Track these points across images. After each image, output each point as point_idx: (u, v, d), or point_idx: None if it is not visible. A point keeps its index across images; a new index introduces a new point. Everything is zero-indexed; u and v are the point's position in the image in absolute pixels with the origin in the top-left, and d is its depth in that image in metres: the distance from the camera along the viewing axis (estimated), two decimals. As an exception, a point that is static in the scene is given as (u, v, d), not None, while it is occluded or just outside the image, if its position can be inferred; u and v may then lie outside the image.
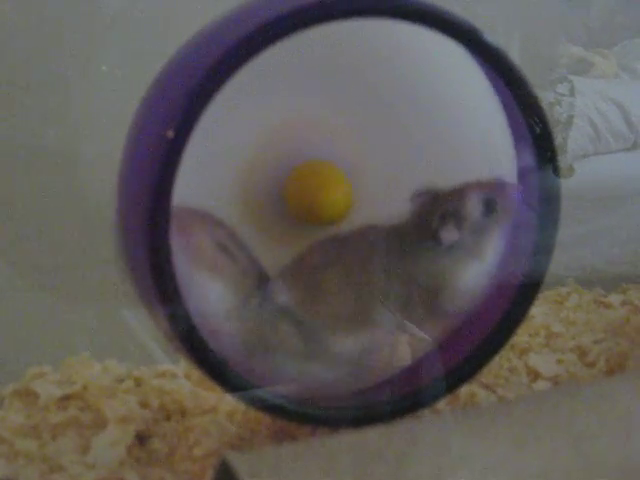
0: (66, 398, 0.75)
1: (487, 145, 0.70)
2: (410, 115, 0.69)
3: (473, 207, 0.65)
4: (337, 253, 0.66)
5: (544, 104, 1.98)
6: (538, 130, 0.66)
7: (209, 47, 0.62)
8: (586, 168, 1.90)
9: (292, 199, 0.67)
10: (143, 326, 0.89)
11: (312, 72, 0.66)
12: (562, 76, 1.96)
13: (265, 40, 0.59)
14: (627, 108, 2.02)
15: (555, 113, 1.90)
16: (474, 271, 0.67)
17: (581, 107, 1.95)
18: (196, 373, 0.77)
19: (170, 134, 0.58)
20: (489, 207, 0.66)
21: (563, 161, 1.89)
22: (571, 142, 1.92)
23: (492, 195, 0.66)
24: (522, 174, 0.69)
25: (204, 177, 0.65)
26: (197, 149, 0.60)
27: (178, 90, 0.61)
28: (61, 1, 1.04)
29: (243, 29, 0.59)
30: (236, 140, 0.66)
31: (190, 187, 0.61)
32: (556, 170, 0.67)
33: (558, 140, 1.90)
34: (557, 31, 2.32)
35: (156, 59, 0.68)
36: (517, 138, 0.68)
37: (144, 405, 0.74)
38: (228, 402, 0.73)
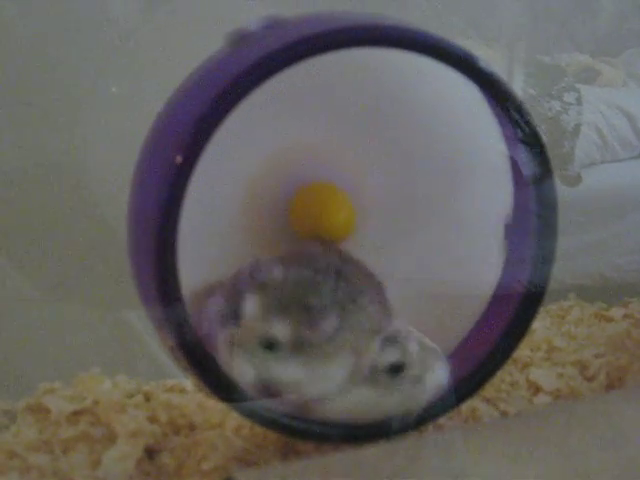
0: (77, 413, 0.77)
1: (484, 161, 0.71)
2: (410, 138, 0.70)
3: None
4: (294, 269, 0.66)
5: (551, 113, 1.99)
6: (530, 143, 0.68)
7: (218, 74, 0.64)
8: (593, 176, 1.91)
9: (297, 220, 0.69)
10: (153, 340, 0.91)
11: (316, 98, 0.68)
12: (569, 85, 1.97)
13: (273, 68, 0.61)
14: (634, 116, 2.03)
15: (562, 122, 1.91)
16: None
17: (588, 116, 1.96)
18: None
19: (179, 159, 0.60)
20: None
21: (570, 169, 1.90)
22: (578, 151, 1.92)
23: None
24: (519, 184, 0.71)
25: (211, 199, 0.67)
26: (204, 172, 0.62)
27: (187, 116, 0.63)
28: (71, 19, 1.06)
29: (251, 57, 0.62)
30: (242, 164, 0.68)
31: (197, 210, 0.63)
32: (551, 182, 0.69)
33: (565, 149, 1.91)
34: (564, 40, 2.33)
35: (164, 80, 0.70)
36: (513, 150, 0.70)
37: (153, 420, 0.76)
38: (235, 417, 0.74)
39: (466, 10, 2.02)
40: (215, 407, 0.77)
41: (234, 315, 0.64)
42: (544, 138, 0.68)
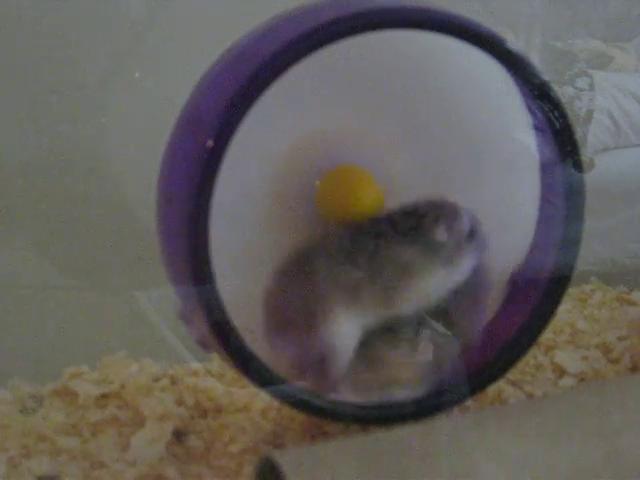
0: (104, 397, 0.77)
1: (510, 144, 0.72)
2: (436, 121, 0.71)
3: (463, 224, 0.67)
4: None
5: (564, 99, 1.99)
6: (558, 125, 0.68)
7: (245, 59, 0.64)
8: (606, 162, 1.91)
9: (324, 202, 0.69)
10: (174, 326, 0.92)
11: (343, 82, 0.68)
12: (581, 70, 1.96)
13: (300, 52, 0.61)
14: (647, 102, 2.02)
15: (575, 107, 1.91)
16: (440, 279, 0.68)
17: (601, 101, 1.96)
18: (229, 371, 0.79)
19: (210, 143, 0.61)
20: (470, 234, 0.67)
21: (583, 155, 1.90)
22: (591, 136, 1.92)
23: (475, 225, 0.68)
24: (545, 169, 0.71)
25: (241, 183, 0.67)
26: (234, 156, 0.62)
27: (217, 100, 0.63)
28: (92, 6, 1.06)
29: (278, 41, 0.62)
30: (271, 147, 0.68)
31: (227, 192, 0.63)
32: (578, 164, 0.69)
33: (578, 134, 1.91)
34: (576, 25, 2.32)
35: (182, 66, 0.70)
36: (539, 133, 0.70)
37: (180, 403, 0.76)
38: (262, 399, 0.75)
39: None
40: (241, 390, 0.77)
41: None
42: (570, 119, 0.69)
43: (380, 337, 0.68)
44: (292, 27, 0.63)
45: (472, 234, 0.68)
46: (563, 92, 1.92)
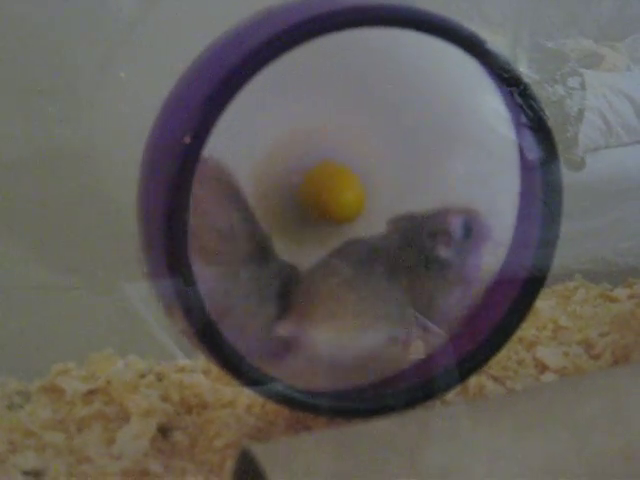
0: (91, 393, 0.78)
1: (491, 142, 0.72)
2: (419, 119, 0.71)
3: (457, 228, 0.68)
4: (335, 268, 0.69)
5: (554, 98, 1.99)
6: (536, 126, 0.69)
7: (225, 55, 0.65)
8: (597, 161, 1.92)
9: (307, 199, 0.70)
10: (161, 322, 0.92)
11: (325, 79, 0.69)
12: (573, 70, 1.97)
13: (280, 48, 0.62)
14: (638, 101, 2.03)
15: (566, 107, 1.91)
16: (457, 294, 0.70)
17: (592, 100, 1.97)
18: (215, 368, 0.80)
19: (187, 139, 0.62)
20: (467, 231, 0.69)
21: (574, 154, 1.91)
22: (582, 135, 1.93)
23: (469, 220, 0.69)
24: (525, 168, 0.72)
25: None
26: (214, 153, 0.63)
27: (195, 97, 0.64)
28: (80, 5, 1.07)
29: (258, 37, 0.62)
30: (251, 144, 0.69)
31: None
32: (557, 164, 0.70)
33: (569, 134, 1.91)
34: (567, 25, 2.32)
35: (172, 65, 0.71)
36: (519, 132, 0.71)
37: (165, 399, 0.77)
38: (246, 395, 0.76)
39: (469, -2, 2.02)
40: (226, 387, 0.78)
41: None
42: (549, 120, 0.69)
43: None
44: (271, 24, 0.64)
45: (468, 232, 0.69)
46: (554, 91, 1.93)
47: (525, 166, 0.71)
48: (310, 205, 0.69)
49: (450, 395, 0.72)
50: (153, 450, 0.71)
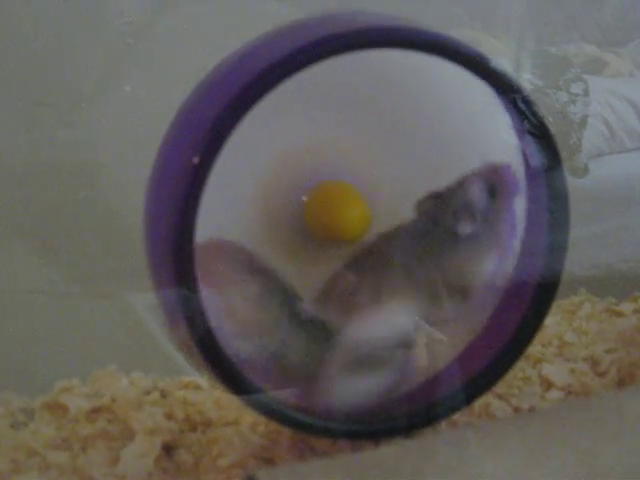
0: (95, 411, 0.78)
1: (495, 152, 0.72)
2: (422, 136, 0.71)
3: (478, 196, 0.68)
4: (363, 269, 0.69)
5: (558, 104, 1.98)
6: (540, 135, 0.69)
7: (233, 76, 0.65)
8: (601, 167, 1.91)
9: (312, 219, 0.70)
10: (167, 337, 0.92)
11: (328, 99, 0.69)
12: (576, 76, 1.96)
13: (287, 70, 0.62)
14: (642, 107, 2.03)
15: (569, 113, 1.91)
16: (494, 258, 0.69)
17: (595, 106, 1.96)
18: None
19: (195, 160, 0.61)
20: (491, 192, 0.68)
21: (578, 161, 1.91)
22: (585, 142, 1.92)
23: (490, 179, 0.68)
24: (529, 176, 0.71)
25: (227, 200, 0.67)
26: (220, 173, 0.63)
27: (204, 116, 0.64)
28: (84, 18, 1.07)
29: (265, 60, 0.62)
30: (257, 164, 0.69)
31: (213, 211, 0.64)
32: (561, 172, 0.69)
33: (573, 140, 1.91)
34: (570, 31, 2.32)
35: (177, 79, 0.71)
36: (522, 140, 0.70)
37: (170, 417, 0.77)
38: (251, 414, 0.75)
39: (474, 1, 2.02)
40: (231, 404, 0.78)
41: None
42: (552, 129, 0.69)
43: None
44: (277, 47, 0.64)
45: (492, 193, 0.68)
46: (558, 98, 1.92)
47: (529, 174, 0.71)
48: (316, 225, 0.69)
49: (456, 415, 0.72)
50: (157, 470, 0.71)
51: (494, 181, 0.69)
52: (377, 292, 0.69)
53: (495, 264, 0.70)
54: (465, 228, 0.67)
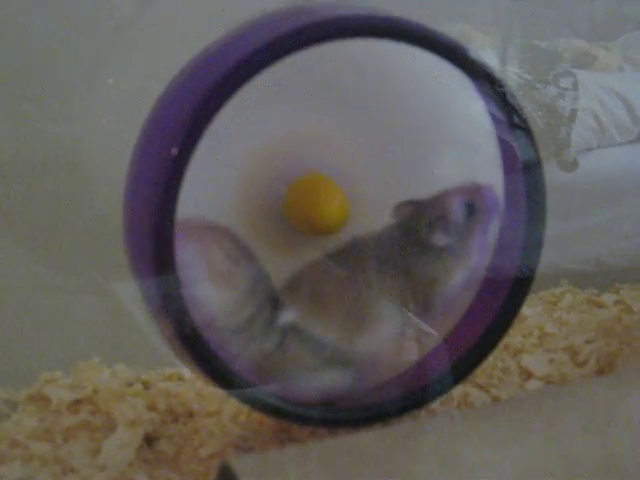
0: (77, 402, 0.78)
1: (473, 149, 0.73)
2: (403, 129, 0.72)
3: (456, 212, 0.69)
4: (330, 269, 0.69)
5: (547, 99, 1.98)
6: (519, 129, 0.69)
7: (212, 66, 0.65)
8: (590, 162, 1.91)
9: (292, 211, 0.70)
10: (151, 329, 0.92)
11: (309, 90, 0.69)
12: (565, 70, 1.96)
13: (266, 60, 0.62)
14: (631, 101, 2.02)
15: (558, 107, 1.91)
16: (462, 270, 0.70)
17: (584, 101, 1.96)
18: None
19: (174, 151, 0.62)
20: (470, 210, 0.69)
21: (567, 155, 1.91)
22: (575, 136, 1.92)
23: (471, 198, 0.69)
24: (508, 170, 0.72)
25: (207, 191, 0.68)
26: (200, 164, 0.63)
27: (182, 108, 0.64)
28: (69, 12, 1.07)
29: (245, 49, 0.63)
30: (237, 155, 0.69)
31: (193, 201, 0.64)
32: (539, 166, 0.70)
33: (562, 134, 1.91)
34: (560, 25, 2.32)
35: (160, 71, 0.71)
36: (502, 136, 0.71)
37: (152, 408, 0.77)
38: (232, 404, 0.76)
39: (463, -4, 2.02)
40: (212, 395, 0.79)
41: None
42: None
43: None
44: (256, 36, 0.64)
45: (470, 211, 0.69)
46: (547, 92, 1.92)
47: (507, 166, 0.72)
48: (294, 217, 0.70)
49: (435, 404, 0.72)
50: (138, 460, 0.71)
51: (474, 200, 0.69)
52: (355, 288, 0.70)
53: (462, 279, 0.71)
54: (439, 240, 0.68)
